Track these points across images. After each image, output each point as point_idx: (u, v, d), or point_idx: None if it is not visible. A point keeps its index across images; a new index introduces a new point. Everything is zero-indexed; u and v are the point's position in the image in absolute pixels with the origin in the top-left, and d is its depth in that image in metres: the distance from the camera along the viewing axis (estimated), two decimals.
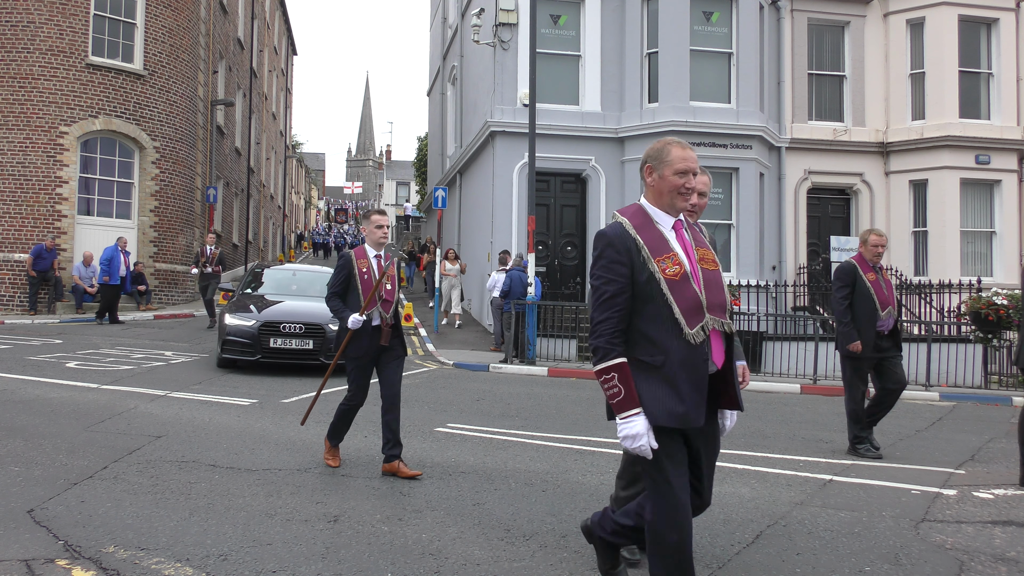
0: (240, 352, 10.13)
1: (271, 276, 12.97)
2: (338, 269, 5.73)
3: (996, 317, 12.23)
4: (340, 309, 5.60)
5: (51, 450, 5.84)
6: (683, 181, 2.99)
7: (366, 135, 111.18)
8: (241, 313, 10.49)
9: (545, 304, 14.58)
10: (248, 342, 10.07)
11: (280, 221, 45.14)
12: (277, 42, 40.55)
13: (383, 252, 5.78)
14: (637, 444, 2.82)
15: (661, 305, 2.90)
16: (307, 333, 10.22)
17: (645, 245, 2.94)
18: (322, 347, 10.22)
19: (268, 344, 10.06)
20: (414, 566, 3.77)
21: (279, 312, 10.64)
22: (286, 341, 10.15)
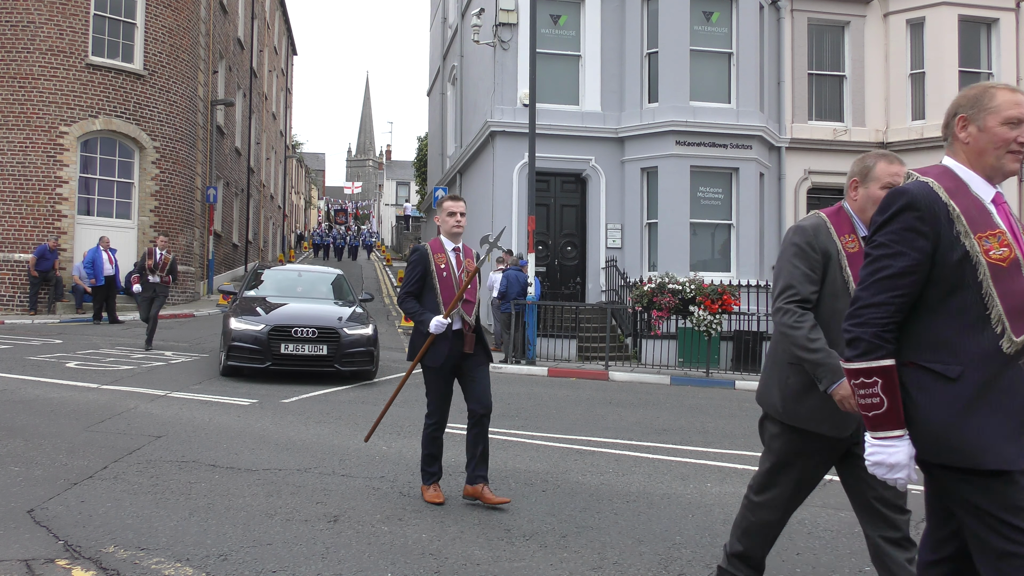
0: (248, 359, 9.46)
1: (274, 277, 12.28)
2: (412, 265, 5.06)
3: None
4: (418, 311, 4.92)
5: (51, 450, 5.83)
6: (1015, 134, 2.22)
7: (366, 135, 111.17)
8: (247, 317, 9.80)
9: (545, 304, 14.59)
10: (257, 348, 9.39)
11: (280, 221, 45.15)
12: (277, 42, 40.56)
13: (461, 245, 5.16)
14: (894, 476, 2.17)
15: (973, 298, 2.16)
16: (320, 338, 9.57)
17: (963, 215, 2.19)
18: (336, 352, 9.59)
19: (279, 350, 9.41)
20: (414, 566, 3.77)
21: (289, 315, 9.99)
22: (298, 347, 9.49)
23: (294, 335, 9.52)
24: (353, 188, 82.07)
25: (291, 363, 9.55)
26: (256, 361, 9.44)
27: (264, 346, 9.41)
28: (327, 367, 9.64)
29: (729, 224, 17.06)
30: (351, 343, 9.71)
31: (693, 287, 12.92)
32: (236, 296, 11.22)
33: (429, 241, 5.17)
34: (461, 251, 5.13)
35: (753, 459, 6.48)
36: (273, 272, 12.60)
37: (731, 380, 12.35)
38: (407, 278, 5.06)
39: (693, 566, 3.92)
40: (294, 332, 9.52)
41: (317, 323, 9.69)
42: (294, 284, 11.85)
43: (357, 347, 9.75)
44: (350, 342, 9.68)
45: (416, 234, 45.47)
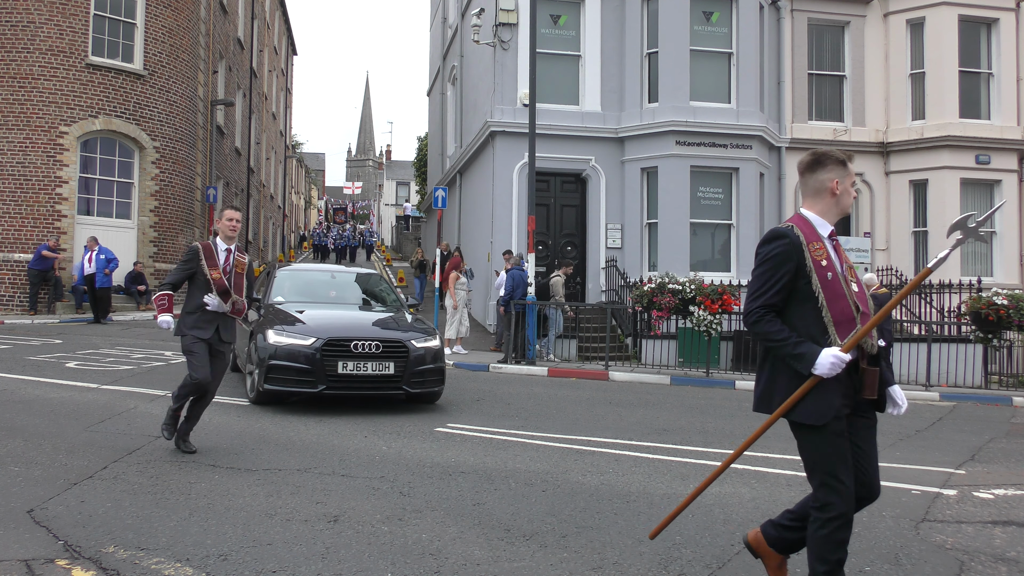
0: (294, 382, 7.63)
1: (298, 279, 10.06)
2: (775, 259, 3.22)
3: (996, 317, 12.23)
4: (792, 341, 3.12)
5: (51, 450, 5.83)
6: None
7: (366, 135, 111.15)
8: (286, 328, 7.90)
9: (544, 304, 14.58)
10: (307, 368, 7.57)
11: (280, 221, 45.13)
12: (277, 42, 40.55)
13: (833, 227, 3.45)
14: None
15: None
16: (386, 353, 7.82)
17: None
18: (405, 371, 7.91)
19: (335, 370, 7.60)
20: (414, 566, 3.76)
21: (343, 326, 8.17)
22: (359, 365, 7.69)
23: (354, 351, 7.70)
24: (353, 188, 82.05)
25: (350, 386, 7.75)
26: (305, 384, 7.62)
27: (316, 365, 7.57)
28: (393, 390, 7.94)
29: (729, 224, 17.06)
30: (420, 359, 7.98)
31: (693, 287, 12.92)
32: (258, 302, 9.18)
33: (793, 219, 3.37)
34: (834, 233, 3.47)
35: (753, 459, 6.48)
36: (295, 273, 10.45)
37: (731, 380, 12.35)
38: (762, 280, 3.25)
39: (693, 566, 3.91)
40: (354, 347, 7.70)
41: (380, 335, 7.97)
42: (325, 287, 9.92)
43: (427, 364, 8.07)
44: (418, 358, 7.96)
45: (416, 234, 45.46)
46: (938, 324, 14.42)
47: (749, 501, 5.13)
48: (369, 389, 7.91)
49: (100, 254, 16.32)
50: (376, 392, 8.01)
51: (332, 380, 7.67)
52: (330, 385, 7.67)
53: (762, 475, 5.92)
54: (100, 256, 16.22)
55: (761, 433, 3.45)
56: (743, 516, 4.77)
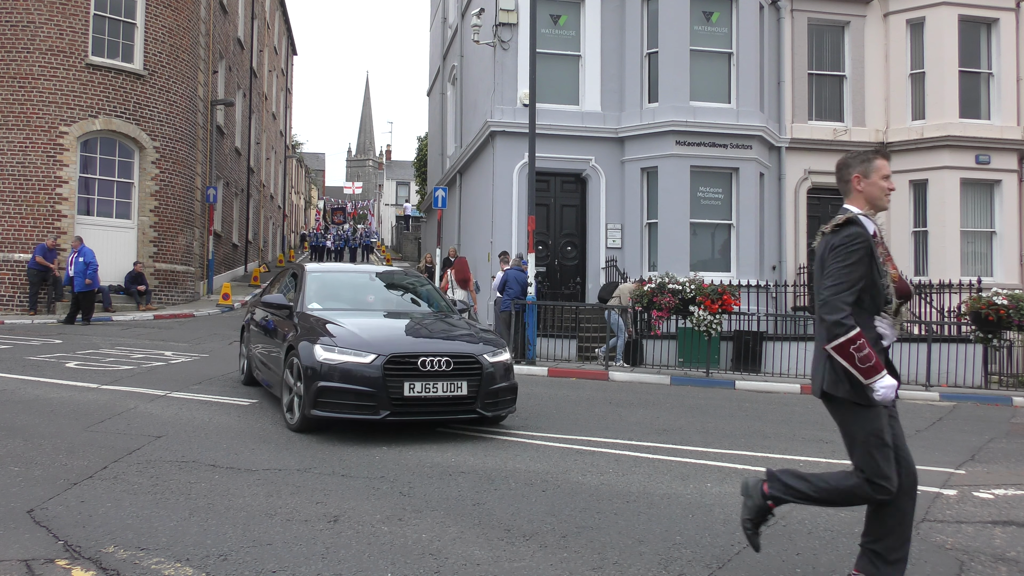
0: (351, 408, 6.49)
1: (331, 282, 8.64)
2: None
3: (996, 317, 12.23)
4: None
5: (51, 450, 5.83)
6: None
7: (366, 135, 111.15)
8: (336, 340, 6.72)
9: (545, 304, 14.58)
10: (367, 391, 6.45)
11: (280, 221, 45.13)
12: (277, 42, 40.56)
13: None
14: None
15: None
16: (457, 371, 6.71)
17: None
18: (479, 391, 6.76)
19: (400, 392, 6.48)
20: (414, 566, 3.76)
21: (404, 338, 7.10)
22: (429, 385, 6.57)
23: (421, 369, 6.58)
24: (353, 188, 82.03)
25: (418, 411, 6.64)
26: (364, 410, 6.48)
27: (379, 387, 6.45)
28: (466, 413, 6.82)
29: (729, 224, 17.06)
30: (492, 376, 6.92)
31: (693, 287, 12.92)
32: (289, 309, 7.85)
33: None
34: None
35: (753, 459, 6.48)
36: (328, 275, 8.92)
37: (731, 380, 12.35)
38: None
39: (693, 566, 3.91)
40: (421, 364, 6.59)
41: (448, 349, 6.88)
42: (363, 290, 8.66)
43: (501, 381, 7.03)
44: (492, 375, 6.90)
45: (416, 234, 45.45)
46: (938, 324, 14.42)
47: None
48: (439, 413, 6.78)
49: (80, 256, 15.96)
50: (446, 417, 6.90)
51: (396, 404, 6.49)
52: (394, 410, 6.50)
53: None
54: (80, 259, 15.86)
55: None
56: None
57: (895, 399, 3.35)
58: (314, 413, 6.54)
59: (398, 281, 9.30)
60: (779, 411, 9.66)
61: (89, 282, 15.90)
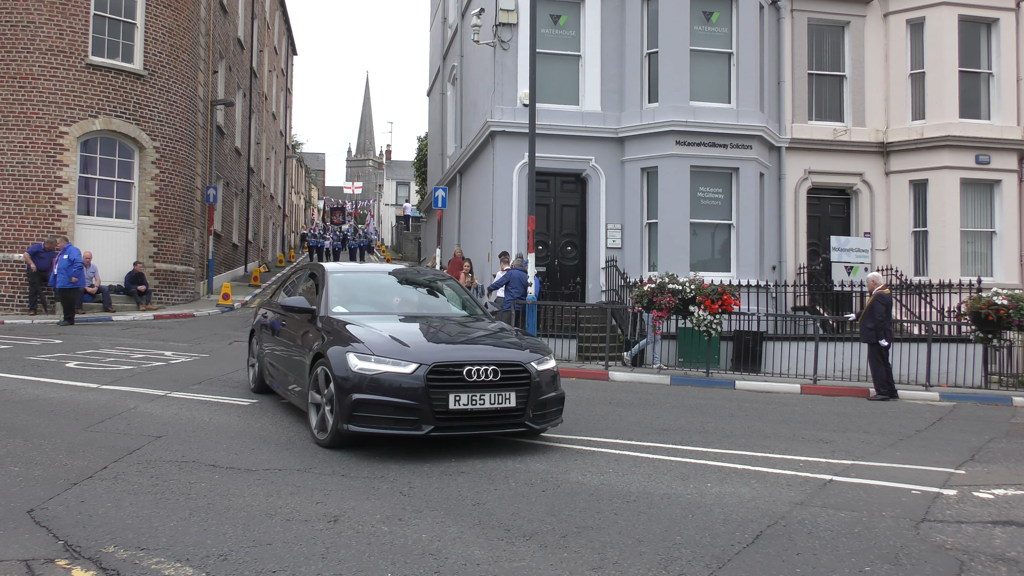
0: (390, 422, 5.93)
1: (354, 283, 8.05)
2: None
3: (996, 317, 12.23)
4: None
5: (51, 450, 5.84)
6: None
7: (366, 135, 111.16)
8: (370, 348, 6.15)
9: (545, 304, 14.58)
10: (409, 404, 5.89)
11: (280, 221, 45.13)
12: (277, 42, 40.56)
13: None
14: None
15: None
16: (504, 381, 6.17)
17: None
18: (527, 402, 6.24)
19: (445, 404, 5.93)
20: (414, 566, 3.77)
21: (446, 345, 6.53)
22: (476, 397, 6.03)
23: (467, 379, 6.03)
24: (353, 188, 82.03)
25: (463, 425, 6.08)
26: (405, 425, 5.93)
27: (422, 400, 5.90)
28: (514, 427, 6.29)
29: (729, 224, 17.06)
30: (540, 386, 6.38)
31: (693, 287, 12.92)
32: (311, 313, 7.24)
33: None
34: None
35: (753, 459, 6.49)
36: (350, 276, 8.26)
37: (731, 380, 12.35)
38: None
39: (693, 566, 3.91)
40: (467, 374, 6.04)
41: (494, 356, 6.33)
42: (389, 291, 8.14)
43: (549, 392, 6.51)
44: (539, 384, 6.36)
45: (416, 234, 45.48)
46: (938, 324, 14.42)
47: (749, 501, 5.13)
48: (485, 427, 6.22)
49: (64, 254, 15.84)
50: (492, 432, 6.35)
51: (440, 418, 5.93)
52: (438, 425, 5.94)
53: (762, 475, 5.92)
54: (63, 256, 15.73)
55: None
56: (743, 516, 4.78)
57: None
58: (349, 428, 5.96)
59: (424, 281, 8.72)
60: (779, 411, 9.66)
61: (75, 280, 15.75)
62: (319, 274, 7.95)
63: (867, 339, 11.46)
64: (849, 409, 9.99)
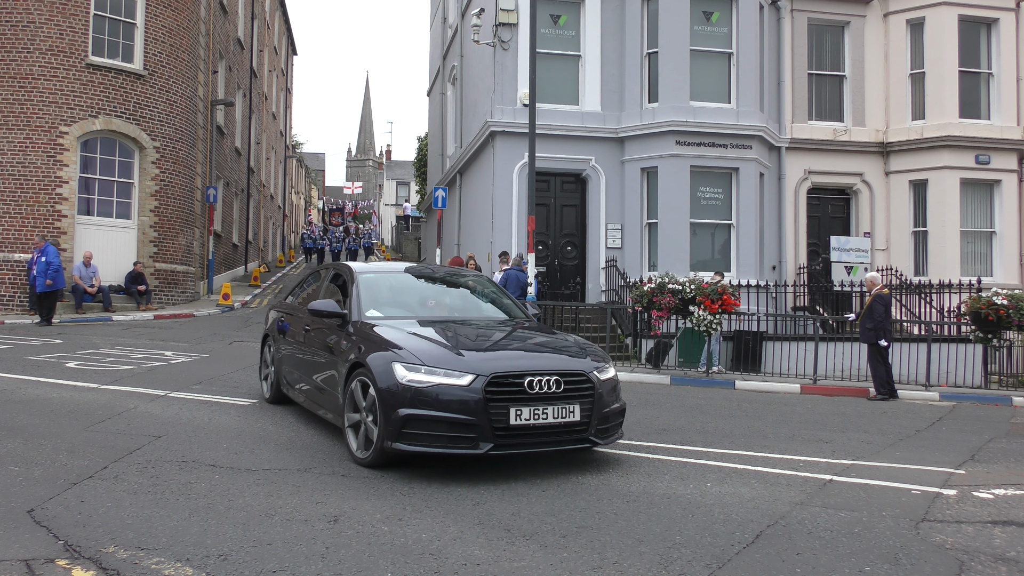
0: (445, 440, 5.36)
1: (385, 284, 7.45)
2: None
3: (996, 317, 12.23)
4: None
5: (51, 450, 5.84)
6: None
7: (366, 135, 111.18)
8: (416, 357, 5.56)
9: (545, 304, 14.58)
10: (464, 420, 5.31)
11: (280, 221, 45.13)
12: (277, 42, 40.56)
13: None
14: None
15: None
16: (568, 392, 5.60)
17: None
18: (591, 415, 5.69)
19: (505, 420, 5.36)
20: (414, 566, 3.77)
21: (502, 353, 5.98)
22: (538, 411, 5.45)
23: (529, 391, 5.47)
24: (353, 188, 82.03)
25: (525, 442, 5.51)
26: (462, 443, 5.36)
27: (480, 415, 5.32)
28: (577, 443, 5.73)
29: (729, 224, 17.06)
30: (603, 396, 5.82)
31: (693, 287, 12.92)
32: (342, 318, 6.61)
33: None
34: None
35: (753, 459, 6.48)
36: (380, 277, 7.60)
37: (731, 380, 12.35)
38: None
39: (693, 566, 3.91)
40: (528, 385, 5.47)
41: (554, 365, 5.76)
42: (421, 293, 7.60)
43: (613, 402, 6.00)
44: (602, 395, 5.81)
45: (416, 234, 45.49)
46: (938, 324, 14.42)
47: (749, 501, 5.13)
48: (547, 444, 5.62)
49: (42, 256, 15.63)
50: (554, 448, 5.72)
51: (500, 435, 5.36)
52: (498, 443, 5.36)
53: (762, 475, 5.92)
54: (41, 258, 15.53)
55: None
56: (743, 516, 4.78)
57: None
58: (398, 447, 5.37)
59: (457, 280, 8.04)
60: (779, 411, 9.66)
61: (50, 282, 15.51)
62: (346, 275, 7.27)
63: (867, 339, 11.46)
64: (849, 409, 9.99)
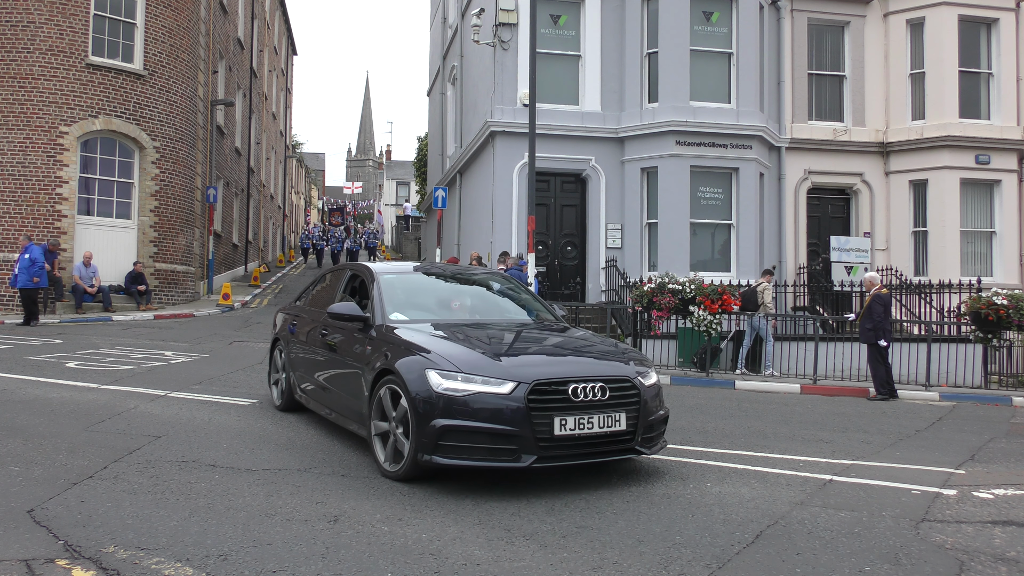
0: (485, 452, 5.02)
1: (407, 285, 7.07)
2: None
3: (996, 317, 12.23)
4: None
5: (51, 450, 5.83)
6: None
7: (366, 135, 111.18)
8: (451, 363, 5.21)
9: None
10: (506, 431, 4.97)
11: (280, 221, 45.13)
12: (277, 42, 40.56)
13: None
14: None
15: None
16: (613, 400, 5.27)
17: None
18: (638, 423, 5.36)
19: (550, 430, 5.02)
20: (414, 566, 3.76)
21: (544, 359, 5.67)
22: (584, 420, 5.11)
23: (573, 398, 5.13)
24: (353, 188, 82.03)
25: (571, 453, 5.16)
26: (503, 455, 5.02)
27: (523, 424, 4.98)
28: (623, 453, 5.40)
29: (729, 224, 17.06)
30: (648, 404, 5.50)
31: (693, 287, 12.92)
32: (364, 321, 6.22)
33: None
34: None
35: (753, 459, 6.48)
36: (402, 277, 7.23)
37: (731, 380, 12.35)
38: None
39: (693, 566, 3.91)
40: (573, 393, 5.14)
41: (598, 371, 5.43)
42: (444, 295, 7.19)
43: (657, 409, 5.68)
44: (647, 402, 5.48)
45: (416, 234, 45.50)
46: (938, 324, 14.42)
47: (749, 501, 5.13)
48: (592, 455, 5.26)
49: (25, 253, 15.47)
50: (599, 460, 5.37)
51: (544, 446, 5.01)
52: (542, 455, 5.02)
53: (762, 475, 5.92)
54: (25, 256, 15.38)
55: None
56: (743, 516, 4.78)
57: None
58: (435, 460, 5.02)
59: (480, 280, 7.66)
60: (779, 411, 9.66)
61: (37, 280, 15.38)
62: (365, 276, 6.91)
63: (866, 339, 11.46)
64: (849, 409, 9.99)
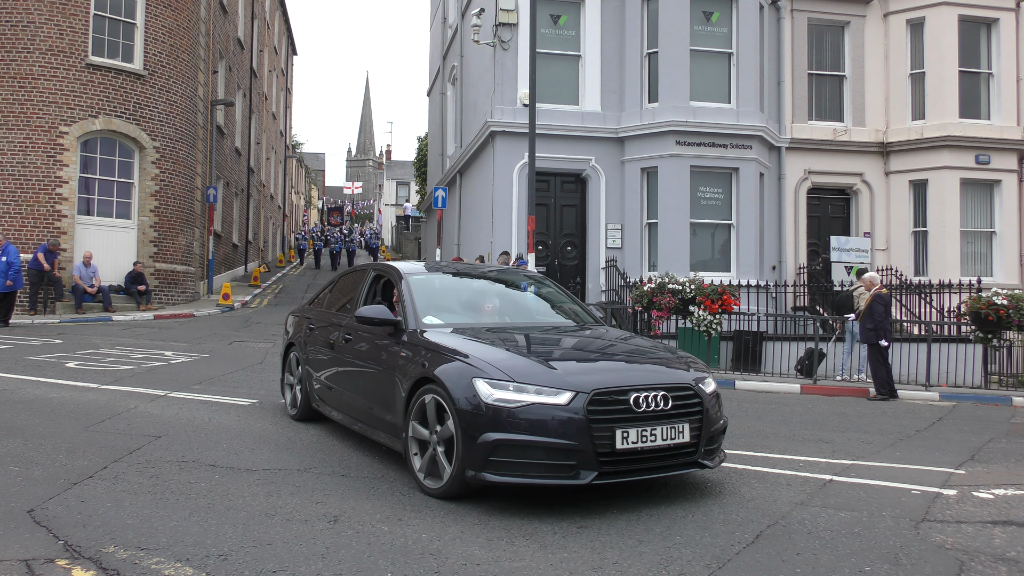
0: (541, 469, 4.61)
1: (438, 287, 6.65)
2: None
3: (996, 317, 12.23)
4: None
5: (51, 450, 5.83)
6: None
7: (366, 135, 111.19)
8: (502, 372, 4.77)
9: None
10: (564, 445, 4.55)
11: (280, 221, 45.13)
12: (277, 42, 40.56)
13: None
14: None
15: None
16: (676, 410, 4.87)
17: None
18: (701, 435, 4.97)
19: (611, 443, 4.60)
20: (414, 566, 3.76)
21: (601, 366, 5.25)
22: (646, 432, 4.70)
23: (635, 409, 4.73)
24: (353, 188, 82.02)
25: (634, 468, 4.76)
26: (561, 472, 4.61)
27: (583, 438, 4.57)
28: (685, 467, 5.00)
29: (729, 224, 17.06)
30: (709, 413, 5.09)
31: (693, 287, 12.91)
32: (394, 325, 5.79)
33: None
34: None
35: (753, 459, 6.48)
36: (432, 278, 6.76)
37: (731, 380, 12.34)
38: None
39: (693, 566, 3.91)
40: (634, 402, 4.73)
41: (659, 379, 5.02)
42: (478, 296, 6.74)
43: (718, 418, 5.27)
44: (709, 411, 5.09)
45: (416, 234, 45.49)
46: (938, 324, 14.42)
47: (749, 501, 5.13)
48: (655, 470, 4.86)
49: (3, 255, 15.26)
50: (661, 475, 4.98)
51: (605, 461, 4.61)
52: (602, 470, 4.61)
53: (762, 475, 5.92)
54: (2, 258, 15.18)
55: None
56: (743, 516, 4.77)
57: None
58: (485, 477, 4.61)
59: (513, 280, 7.18)
60: (779, 411, 9.66)
61: (10, 283, 15.22)
62: (392, 277, 6.49)
63: (867, 339, 11.46)
64: (849, 409, 9.99)
